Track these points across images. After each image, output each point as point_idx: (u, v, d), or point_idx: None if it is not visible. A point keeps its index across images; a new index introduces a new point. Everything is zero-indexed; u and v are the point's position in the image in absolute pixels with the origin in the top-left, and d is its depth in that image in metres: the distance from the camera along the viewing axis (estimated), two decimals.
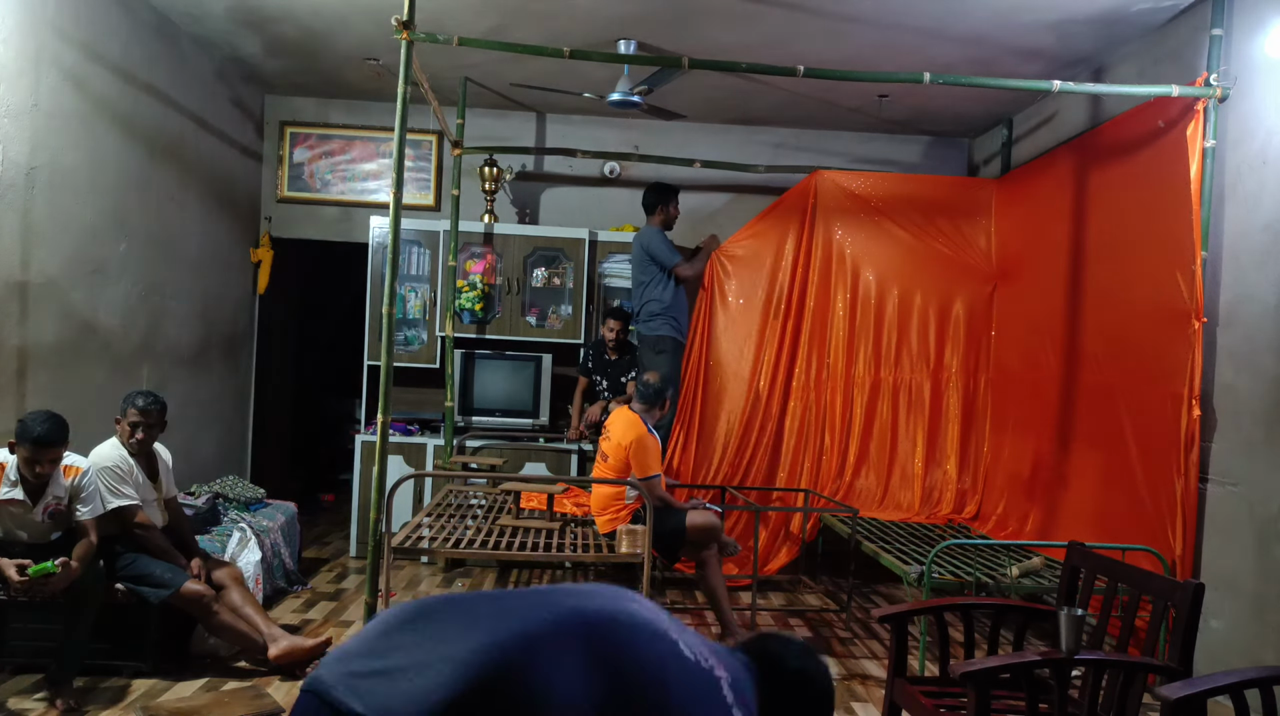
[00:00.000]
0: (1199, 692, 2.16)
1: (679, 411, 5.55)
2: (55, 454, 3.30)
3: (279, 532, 4.86)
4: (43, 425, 3.23)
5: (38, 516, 3.37)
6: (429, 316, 6.01)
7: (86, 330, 4.33)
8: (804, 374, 5.73)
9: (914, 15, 4.44)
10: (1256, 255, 3.71)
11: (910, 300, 5.79)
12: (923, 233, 5.82)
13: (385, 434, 3.77)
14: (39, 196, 3.93)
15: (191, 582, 3.61)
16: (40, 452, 3.24)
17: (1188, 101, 3.94)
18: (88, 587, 3.35)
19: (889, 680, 2.84)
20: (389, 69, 5.52)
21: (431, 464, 5.71)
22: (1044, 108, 5.59)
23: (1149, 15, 4.32)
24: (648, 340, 5.48)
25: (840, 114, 6.09)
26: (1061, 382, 4.92)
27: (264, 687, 3.53)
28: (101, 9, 4.35)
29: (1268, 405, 3.59)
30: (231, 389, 6.13)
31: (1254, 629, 3.60)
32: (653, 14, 4.56)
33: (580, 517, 4.88)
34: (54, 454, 3.29)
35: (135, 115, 4.69)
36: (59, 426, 3.27)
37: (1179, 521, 3.82)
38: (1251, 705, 2.19)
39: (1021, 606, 2.93)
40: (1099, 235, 4.68)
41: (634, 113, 5.98)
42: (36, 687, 3.44)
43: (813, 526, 5.48)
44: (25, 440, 3.22)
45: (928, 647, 3.86)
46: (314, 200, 6.44)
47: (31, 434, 3.21)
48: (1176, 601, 2.51)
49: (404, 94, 3.73)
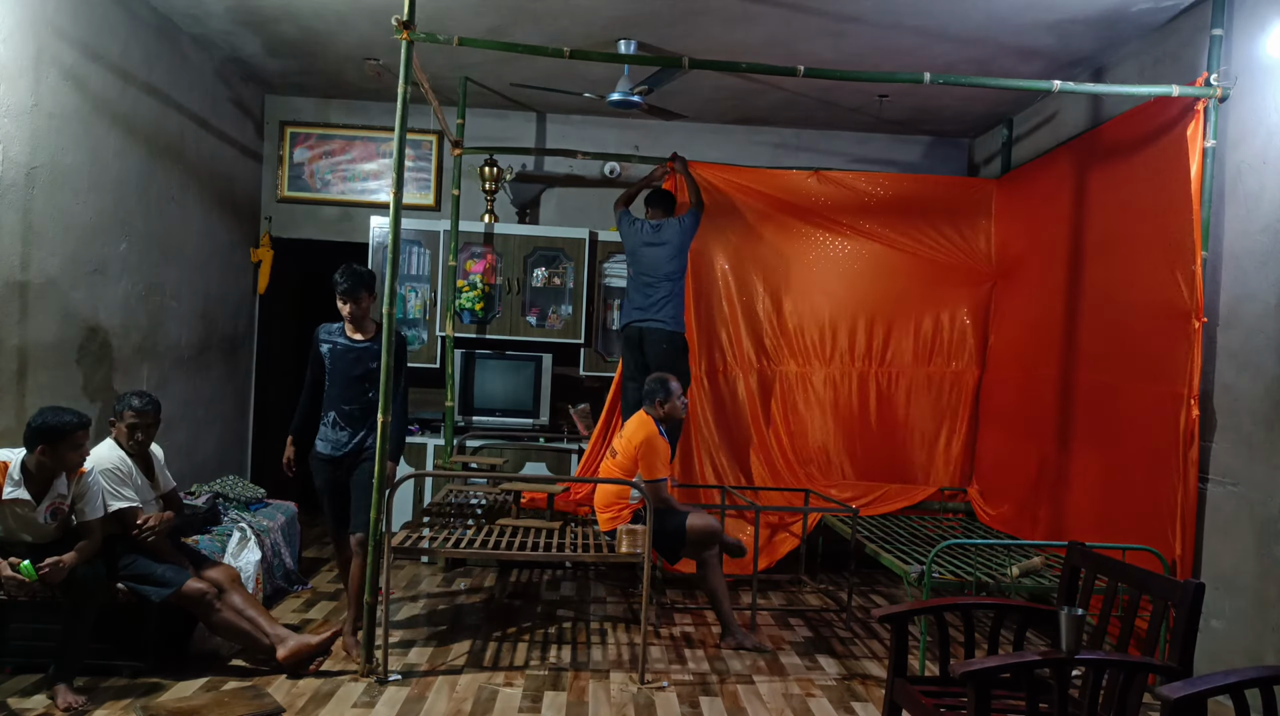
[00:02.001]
0: (1199, 692, 2.15)
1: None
2: (78, 442, 3.35)
3: (279, 532, 4.86)
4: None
5: (40, 517, 3.37)
6: (429, 316, 6.01)
7: (86, 330, 4.33)
8: (794, 368, 5.78)
9: (914, 15, 4.44)
10: (1256, 255, 3.71)
11: (910, 300, 5.81)
12: (922, 233, 5.83)
13: (385, 433, 3.78)
14: (39, 196, 3.93)
15: (193, 581, 3.61)
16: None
17: (1188, 101, 3.94)
18: (88, 587, 3.35)
19: (889, 680, 2.83)
20: (389, 69, 5.52)
21: (431, 464, 5.71)
22: (1044, 108, 5.59)
23: (1149, 15, 4.32)
24: (678, 340, 5.15)
25: (840, 114, 6.09)
26: (1061, 382, 4.92)
27: (264, 687, 3.53)
28: (101, 9, 4.35)
29: (1268, 405, 3.59)
30: (231, 389, 6.13)
31: (1254, 629, 3.60)
32: (653, 14, 4.56)
33: (580, 517, 4.89)
34: (77, 443, 3.35)
35: (135, 115, 4.69)
36: (77, 417, 3.35)
37: (1179, 521, 3.82)
38: (1251, 705, 2.19)
39: (1021, 606, 2.93)
40: (1099, 235, 4.68)
41: (634, 113, 5.98)
42: (37, 687, 3.44)
43: (812, 525, 5.48)
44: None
45: (928, 647, 3.86)
46: (314, 200, 6.44)
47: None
48: (1176, 601, 2.51)
49: (404, 94, 3.74)
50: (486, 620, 4.60)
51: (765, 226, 5.84)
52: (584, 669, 3.95)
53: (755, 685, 3.84)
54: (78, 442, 3.33)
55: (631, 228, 5.29)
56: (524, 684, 3.74)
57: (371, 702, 3.48)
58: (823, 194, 5.84)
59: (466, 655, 4.06)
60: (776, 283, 5.83)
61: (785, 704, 3.64)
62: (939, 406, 5.79)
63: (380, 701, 3.49)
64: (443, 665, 3.93)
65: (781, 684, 3.86)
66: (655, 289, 5.13)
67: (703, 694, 3.71)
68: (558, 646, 4.24)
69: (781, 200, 5.84)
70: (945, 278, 5.84)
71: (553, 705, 3.53)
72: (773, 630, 4.61)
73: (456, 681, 3.74)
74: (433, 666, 3.90)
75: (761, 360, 5.79)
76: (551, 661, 4.03)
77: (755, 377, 5.77)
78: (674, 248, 5.17)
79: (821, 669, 4.08)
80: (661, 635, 4.45)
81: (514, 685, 3.72)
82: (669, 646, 4.30)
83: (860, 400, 5.77)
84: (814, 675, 3.99)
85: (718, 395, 5.72)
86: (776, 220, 5.84)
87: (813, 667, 4.09)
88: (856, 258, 5.86)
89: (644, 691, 3.70)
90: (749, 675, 3.96)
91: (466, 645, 4.19)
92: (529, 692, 3.65)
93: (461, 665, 3.94)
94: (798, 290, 5.83)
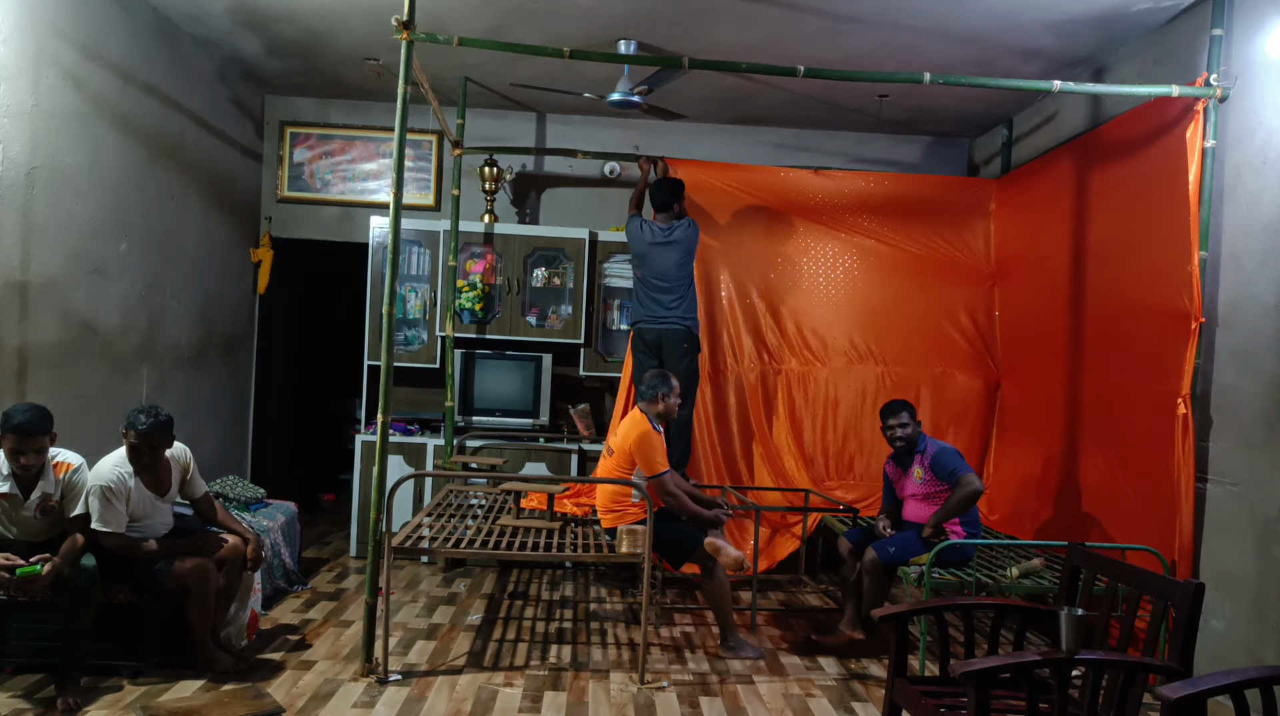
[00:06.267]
0: (1199, 692, 2.16)
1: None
2: (39, 444, 3.30)
3: (279, 532, 4.86)
4: (24, 413, 3.26)
5: (29, 512, 3.37)
6: (429, 316, 6.01)
7: (86, 330, 4.33)
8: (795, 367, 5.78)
9: (914, 15, 4.44)
10: (1256, 255, 3.71)
11: (911, 300, 5.81)
12: (922, 233, 5.83)
13: (385, 434, 3.78)
14: (39, 196, 3.93)
15: (181, 562, 3.59)
16: (24, 442, 3.26)
17: (1188, 102, 3.94)
18: (81, 588, 3.34)
19: (889, 680, 2.84)
20: (389, 69, 5.52)
21: (431, 464, 5.71)
22: (1044, 108, 5.59)
23: (1149, 15, 4.32)
24: (696, 339, 5.24)
25: (840, 114, 6.09)
26: (1061, 382, 4.93)
27: (264, 687, 3.53)
28: (101, 9, 4.35)
29: (1267, 405, 3.59)
30: (231, 389, 6.13)
31: (1254, 628, 3.60)
32: (653, 14, 4.56)
33: (581, 517, 4.88)
34: (38, 444, 3.29)
35: (135, 115, 4.69)
36: (40, 416, 3.29)
37: (1179, 521, 3.82)
38: (1251, 705, 2.19)
39: (1021, 606, 2.93)
40: (1099, 235, 4.68)
41: (634, 113, 5.98)
42: (36, 687, 3.44)
43: (812, 525, 5.48)
44: (8, 429, 3.25)
45: (928, 647, 3.86)
46: (314, 200, 6.44)
47: (12, 422, 3.25)
48: (1176, 601, 2.51)
49: (404, 94, 3.74)
50: (486, 620, 4.60)
51: (765, 225, 5.85)
52: (584, 669, 3.95)
53: (755, 685, 3.84)
54: (38, 447, 3.30)
55: (640, 230, 5.30)
56: (524, 684, 3.74)
57: (371, 702, 3.48)
58: (823, 193, 5.86)
59: (466, 655, 4.06)
60: (777, 282, 5.83)
61: (785, 704, 3.64)
62: (939, 406, 5.78)
63: (380, 701, 3.49)
64: (443, 665, 3.93)
65: (781, 684, 3.86)
66: (671, 289, 5.16)
67: (703, 694, 3.71)
68: (558, 646, 4.24)
69: (782, 199, 5.85)
70: (945, 277, 5.84)
71: (553, 705, 3.53)
72: (773, 630, 4.61)
73: (456, 681, 3.74)
74: (433, 666, 3.90)
75: (762, 360, 5.79)
76: (551, 661, 4.03)
77: (756, 377, 5.77)
78: (684, 249, 5.20)
79: (821, 669, 4.08)
80: (661, 635, 4.45)
81: (514, 685, 3.72)
82: (669, 646, 4.30)
83: (860, 399, 5.77)
84: (814, 675, 3.99)
85: (719, 394, 5.73)
86: (777, 219, 5.85)
87: (813, 667, 4.09)
88: (857, 257, 5.86)
89: (644, 691, 3.70)
90: (749, 675, 3.95)
91: (466, 645, 4.19)
92: (529, 692, 3.65)
93: (461, 665, 3.94)
94: (798, 289, 5.83)
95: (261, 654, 3.93)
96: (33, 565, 3.23)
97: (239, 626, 3.92)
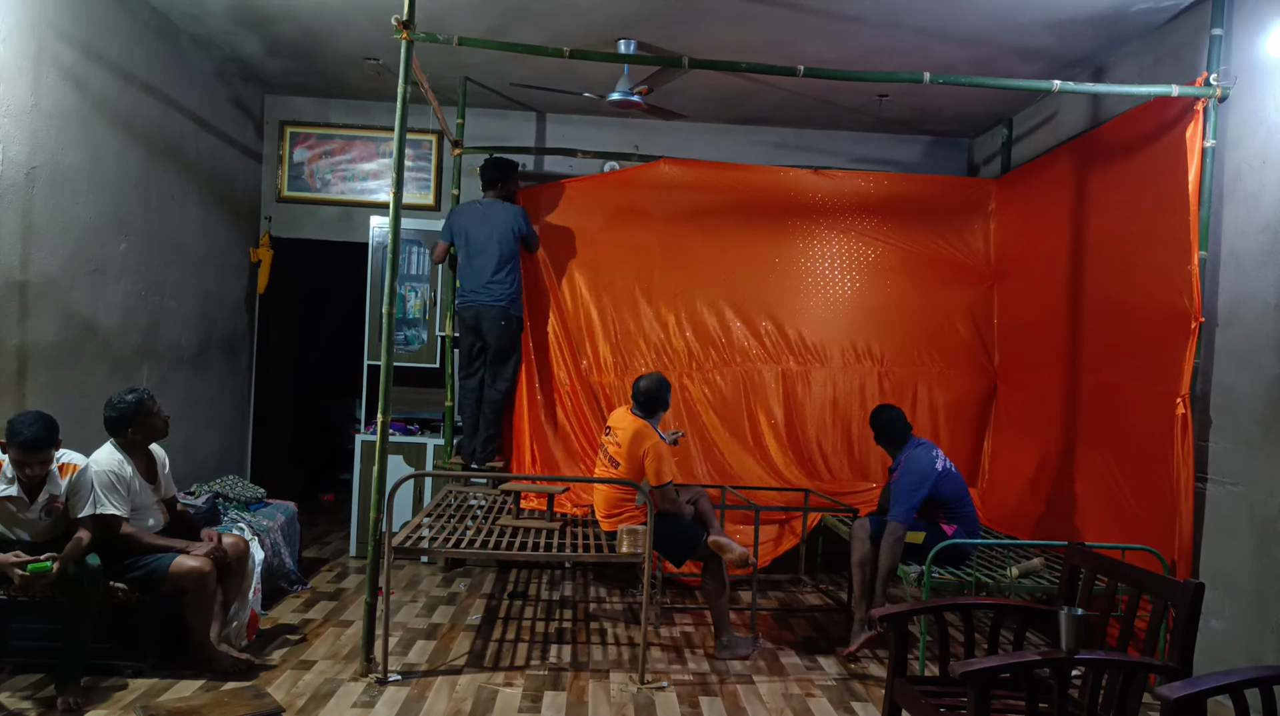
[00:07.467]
0: (1199, 692, 2.16)
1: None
2: (44, 457, 3.29)
3: (279, 532, 4.86)
4: (30, 428, 3.21)
5: (35, 514, 3.37)
6: (429, 316, 6.01)
7: (86, 330, 4.33)
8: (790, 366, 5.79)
9: (914, 15, 4.44)
10: (1256, 255, 3.71)
11: (910, 300, 5.81)
12: (921, 233, 5.83)
13: (385, 434, 3.78)
14: (39, 196, 3.93)
15: (182, 558, 3.59)
16: (29, 456, 3.24)
17: (1188, 101, 3.94)
18: (85, 587, 3.34)
19: (889, 680, 2.84)
20: (389, 69, 5.52)
21: (431, 464, 5.71)
22: (1044, 108, 5.59)
23: (1149, 15, 4.32)
24: (513, 319, 5.28)
25: (840, 114, 6.09)
26: (1061, 382, 4.93)
27: (264, 687, 3.53)
28: (101, 9, 4.35)
29: (1267, 405, 3.59)
30: (231, 389, 6.13)
31: (1254, 628, 3.60)
32: (653, 14, 4.56)
33: (580, 517, 4.88)
34: (43, 457, 3.28)
35: (135, 115, 4.69)
36: (47, 429, 3.25)
37: (1178, 521, 3.82)
38: (1251, 705, 2.19)
39: (1021, 606, 2.93)
40: (1099, 235, 4.68)
41: (634, 113, 5.98)
42: (36, 687, 3.44)
43: (811, 525, 5.48)
44: (13, 443, 3.21)
45: (928, 647, 3.86)
46: (314, 200, 6.44)
47: (19, 437, 3.20)
48: (1176, 601, 2.52)
49: (404, 94, 3.74)
50: (486, 620, 4.60)
51: (765, 225, 5.84)
52: (584, 669, 3.95)
53: (755, 685, 3.84)
54: (44, 460, 3.29)
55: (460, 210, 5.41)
56: (524, 684, 3.74)
57: (371, 702, 3.48)
58: (823, 192, 5.85)
59: (466, 655, 4.06)
60: (776, 281, 5.82)
61: (785, 704, 3.64)
62: (939, 406, 5.78)
63: (380, 701, 3.49)
64: (443, 665, 3.93)
65: (781, 684, 3.86)
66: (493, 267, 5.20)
67: (703, 694, 3.71)
68: (558, 646, 4.24)
69: (782, 199, 5.84)
70: (945, 277, 5.84)
71: (553, 705, 3.53)
72: (773, 630, 4.61)
73: (456, 681, 3.74)
74: (433, 666, 3.90)
75: (761, 359, 5.78)
76: (551, 661, 4.03)
77: (755, 376, 5.76)
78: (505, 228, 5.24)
79: (821, 669, 4.08)
80: (661, 635, 4.45)
81: (514, 685, 3.72)
82: (669, 646, 4.30)
83: (860, 399, 5.76)
84: (814, 675, 3.99)
85: (718, 394, 5.72)
86: (776, 218, 5.84)
87: (813, 667, 4.09)
88: (856, 257, 5.86)
89: (644, 691, 3.70)
90: (749, 675, 3.96)
91: (466, 645, 4.19)
92: (529, 692, 3.65)
93: (461, 665, 3.94)
94: (797, 289, 5.82)
95: (261, 654, 3.93)
96: (43, 561, 3.23)
97: (239, 626, 3.92)
